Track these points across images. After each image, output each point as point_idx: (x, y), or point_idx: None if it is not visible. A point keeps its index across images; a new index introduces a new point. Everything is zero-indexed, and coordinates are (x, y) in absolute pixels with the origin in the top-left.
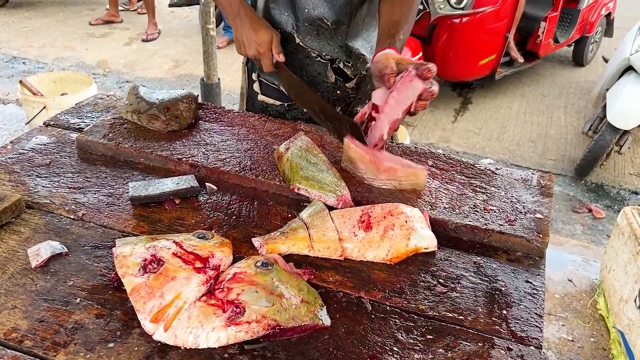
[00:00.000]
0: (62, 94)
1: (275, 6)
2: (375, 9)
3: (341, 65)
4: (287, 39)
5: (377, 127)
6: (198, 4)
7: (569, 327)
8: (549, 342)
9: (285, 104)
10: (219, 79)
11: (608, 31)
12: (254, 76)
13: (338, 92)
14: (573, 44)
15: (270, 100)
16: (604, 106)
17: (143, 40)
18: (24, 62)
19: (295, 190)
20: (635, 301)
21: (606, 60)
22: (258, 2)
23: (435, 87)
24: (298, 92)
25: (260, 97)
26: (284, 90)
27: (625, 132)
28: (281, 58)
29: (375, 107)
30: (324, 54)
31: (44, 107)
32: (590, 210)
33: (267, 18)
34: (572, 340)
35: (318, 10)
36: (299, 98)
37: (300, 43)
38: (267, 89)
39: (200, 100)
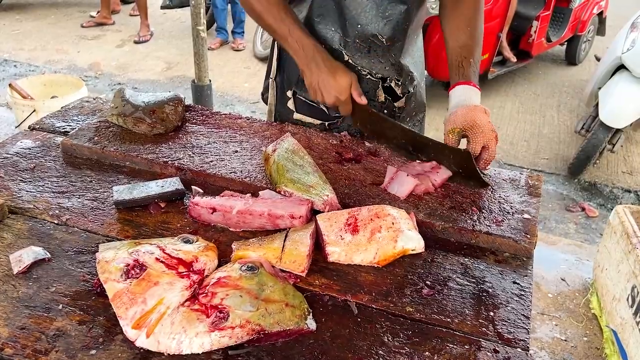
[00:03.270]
0: (53, 97)
1: (321, 20)
2: (420, 22)
3: (392, 84)
4: (334, 56)
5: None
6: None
7: (562, 327)
8: (542, 342)
9: (326, 123)
10: (210, 81)
11: (600, 30)
12: (289, 93)
13: (385, 111)
14: (565, 43)
15: (308, 119)
16: (597, 105)
17: (135, 42)
18: (15, 65)
19: (282, 193)
20: (627, 300)
21: (598, 59)
22: (301, 19)
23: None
24: (380, 128)
25: (296, 116)
26: (323, 109)
27: (618, 130)
28: (363, 100)
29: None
30: (374, 72)
31: (34, 111)
32: (583, 209)
33: (310, 33)
34: (566, 340)
35: (372, 27)
36: (380, 135)
37: (349, 60)
38: (303, 106)
39: (191, 102)
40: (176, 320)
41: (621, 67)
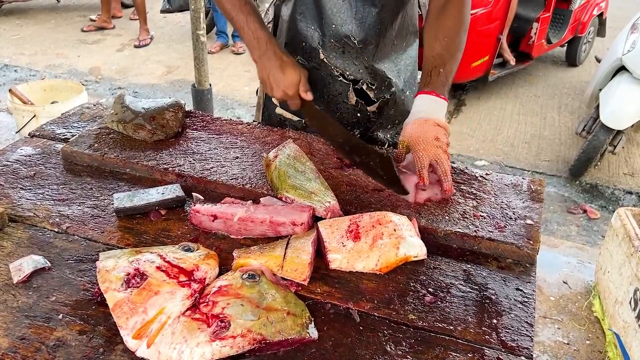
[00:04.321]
0: (53, 102)
1: (302, 18)
2: (407, 30)
3: (364, 87)
4: (312, 55)
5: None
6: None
7: (565, 330)
8: (544, 346)
9: (303, 120)
10: (210, 85)
11: (600, 31)
12: None
13: (358, 114)
14: (566, 45)
15: (288, 115)
16: (597, 106)
17: (135, 47)
18: (15, 70)
19: (283, 199)
20: (630, 303)
21: (599, 60)
22: (283, 13)
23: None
24: (322, 125)
25: (278, 110)
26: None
27: (619, 132)
28: (309, 97)
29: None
30: (347, 73)
31: (34, 116)
32: (585, 211)
33: (293, 30)
34: (568, 344)
35: (346, 27)
36: (323, 131)
37: (325, 59)
38: (285, 103)
39: (192, 106)
40: (177, 330)
41: (622, 68)
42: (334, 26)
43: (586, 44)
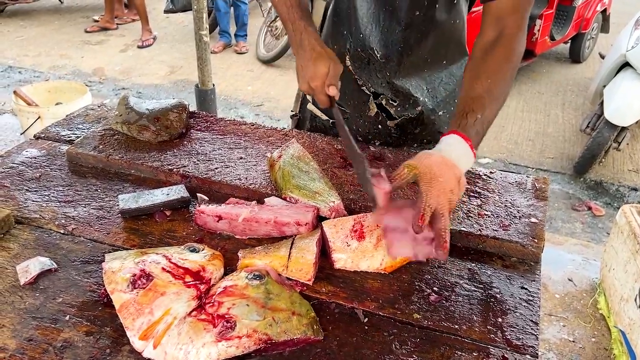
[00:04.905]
0: (57, 104)
1: (337, 21)
2: (447, 49)
3: (383, 102)
4: (340, 59)
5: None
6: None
7: (570, 328)
8: (549, 344)
9: (331, 121)
10: (213, 85)
11: (604, 27)
12: None
13: (379, 126)
14: (569, 41)
15: (318, 112)
16: (602, 103)
17: (139, 47)
18: (19, 72)
19: (287, 200)
20: (635, 300)
21: (603, 57)
22: (328, 13)
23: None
24: (339, 129)
25: (309, 107)
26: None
27: (623, 128)
28: (331, 92)
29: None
30: (369, 85)
31: (39, 117)
32: (589, 208)
33: (329, 29)
34: (573, 341)
35: (371, 40)
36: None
37: (349, 67)
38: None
39: (195, 106)
40: (183, 331)
41: (626, 64)
42: (361, 36)
43: (590, 40)
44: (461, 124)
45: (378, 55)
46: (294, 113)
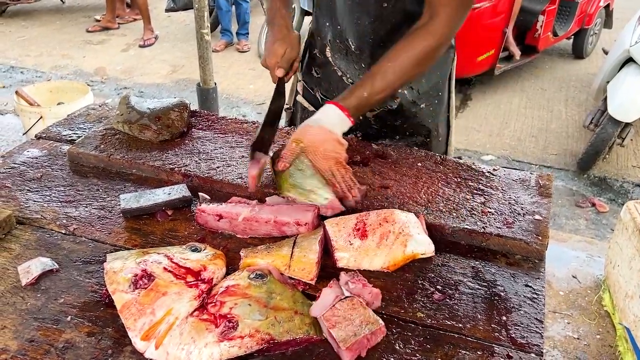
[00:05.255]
0: (59, 103)
1: (320, 13)
2: None
3: None
4: (322, 50)
5: None
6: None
7: (575, 325)
8: (554, 341)
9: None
10: (215, 84)
11: (607, 22)
12: (299, 76)
13: (360, 117)
14: (572, 37)
15: (306, 104)
16: (605, 99)
17: (140, 46)
18: (21, 72)
19: (285, 199)
20: None
21: (606, 52)
22: (315, 4)
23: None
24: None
25: (299, 98)
26: (319, 97)
27: (627, 124)
28: (278, 73)
29: None
30: (348, 75)
31: (41, 117)
32: (593, 205)
33: (315, 22)
34: (578, 338)
35: (347, 31)
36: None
37: (330, 58)
38: (306, 92)
39: (197, 105)
40: (185, 331)
41: (629, 60)
42: (339, 27)
43: (593, 36)
44: (344, 97)
45: (353, 47)
46: (288, 106)
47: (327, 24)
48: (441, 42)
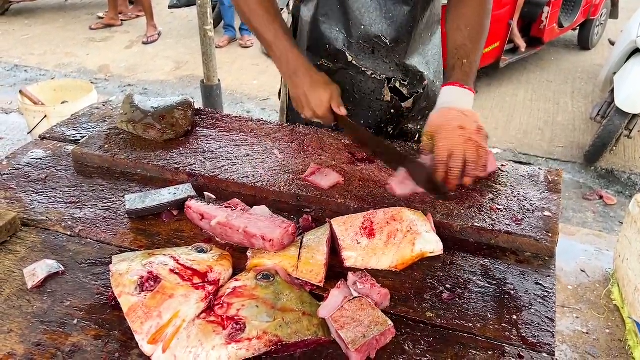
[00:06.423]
0: (63, 102)
1: (326, 20)
2: (432, 20)
3: (397, 85)
4: (337, 57)
5: None
6: None
7: (584, 319)
8: (563, 336)
9: (332, 124)
10: (219, 80)
11: (613, 13)
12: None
13: (392, 110)
14: (578, 28)
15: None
16: (612, 90)
17: (144, 43)
18: (25, 70)
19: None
20: None
21: (612, 43)
22: (303, 14)
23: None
24: (360, 138)
25: (304, 115)
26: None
27: (635, 116)
28: (342, 112)
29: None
30: (379, 72)
31: (45, 116)
32: (601, 197)
33: (315, 32)
34: (587, 333)
35: (376, 27)
36: (362, 144)
37: (353, 61)
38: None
39: (201, 102)
40: (192, 334)
41: (636, 51)
42: (362, 27)
43: (599, 26)
44: (450, 75)
45: (387, 41)
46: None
47: (337, 29)
48: None
